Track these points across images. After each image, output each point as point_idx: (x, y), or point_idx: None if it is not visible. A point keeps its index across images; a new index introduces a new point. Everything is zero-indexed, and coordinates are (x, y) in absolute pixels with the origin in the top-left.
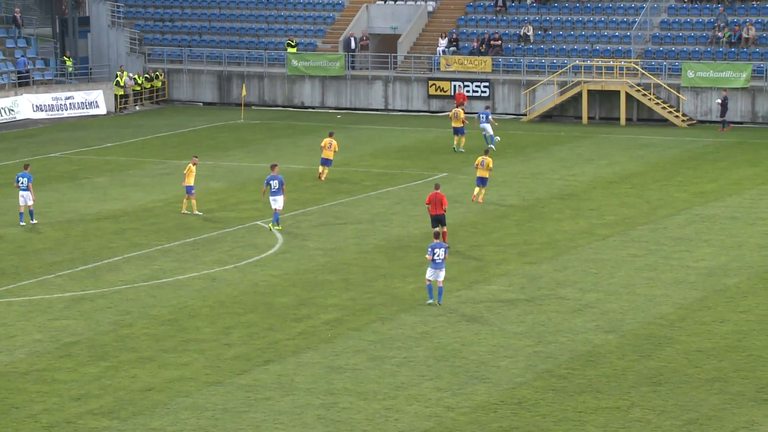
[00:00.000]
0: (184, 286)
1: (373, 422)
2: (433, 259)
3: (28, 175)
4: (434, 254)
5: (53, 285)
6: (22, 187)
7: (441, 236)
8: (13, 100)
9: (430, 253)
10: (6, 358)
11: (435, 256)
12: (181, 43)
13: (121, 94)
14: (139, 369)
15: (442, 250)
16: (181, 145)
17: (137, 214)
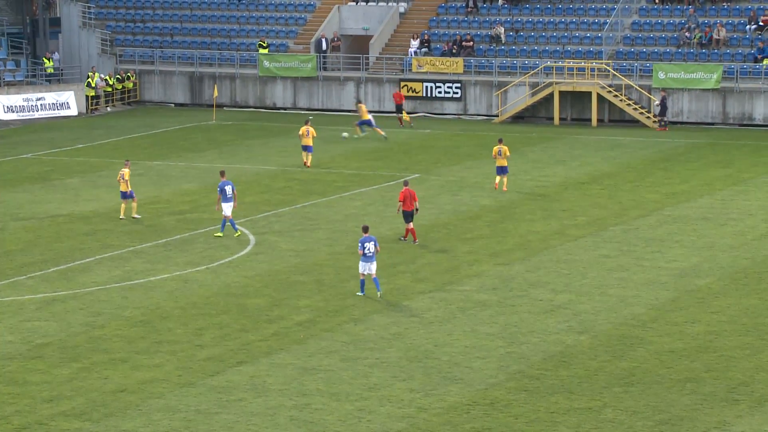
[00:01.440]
0: (156, 288)
1: (345, 423)
2: (364, 253)
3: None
4: (364, 248)
5: (24, 286)
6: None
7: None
8: None
9: (361, 247)
10: None
11: (365, 249)
12: (152, 44)
13: (93, 95)
14: (111, 370)
15: (371, 244)
16: (153, 146)
17: (109, 215)
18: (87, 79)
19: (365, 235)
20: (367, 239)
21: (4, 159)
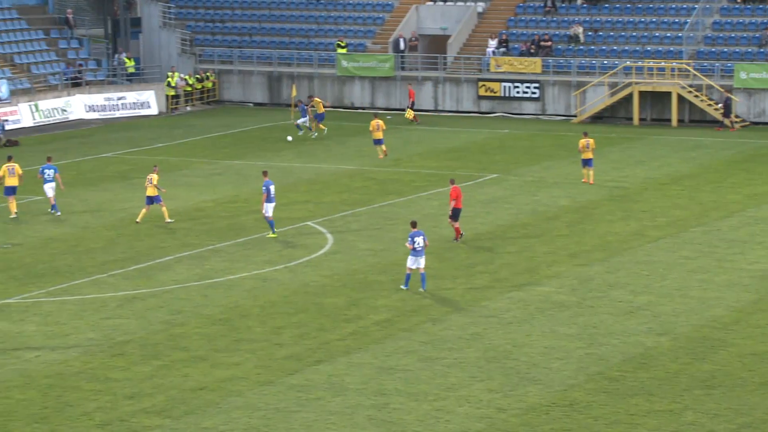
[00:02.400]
0: (236, 286)
1: (424, 423)
2: (414, 247)
3: (54, 167)
4: (414, 242)
5: (106, 284)
6: (48, 178)
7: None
8: (66, 100)
9: (411, 242)
10: (60, 356)
11: (415, 244)
12: (231, 44)
13: (173, 94)
14: (191, 368)
15: (420, 238)
16: (232, 145)
17: (189, 214)
18: (167, 78)
19: (414, 230)
20: (417, 234)
21: (85, 158)
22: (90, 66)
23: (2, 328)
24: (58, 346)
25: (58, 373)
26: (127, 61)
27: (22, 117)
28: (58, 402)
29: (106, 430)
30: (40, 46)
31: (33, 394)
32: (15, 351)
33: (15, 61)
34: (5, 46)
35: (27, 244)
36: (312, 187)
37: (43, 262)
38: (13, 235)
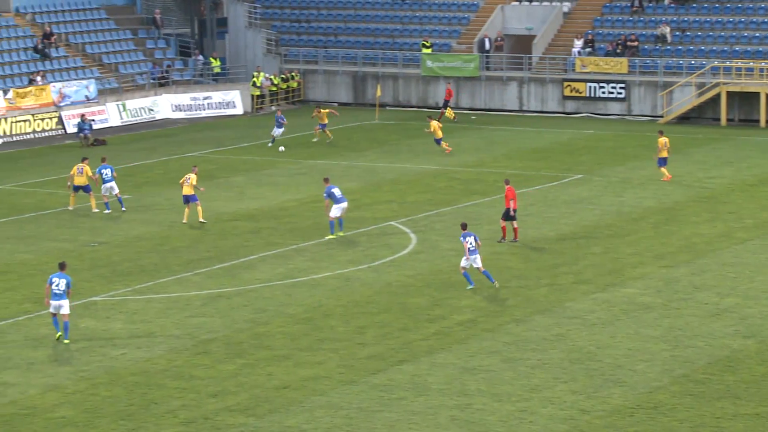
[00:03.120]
0: (319, 285)
1: (507, 424)
2: (467, 248)
3: (110, 166)
4: (467, 242)
5: (191, 282)
6: (107, 178)
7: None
8: (153, 100)
9: (463, 241)
10: (145, 354)
11: (468, 244)
12: (316, 44)
13: (258, 94)
14: (274, 367)
15: (472, 238)
16: (316, 145)
17: (273, 213)
18: (252, 78)
19: (464, 231)
20: (468, 234)
21: (171, 157)
22: (177, 66)
23: (89, 325)
24: (144, 344)
25: (144, 371)
26: (213, 61)
27: (110, 116)
28: (144, 399)
29: (190, 428)
30: (127, 46)
31: (119, 391)
32: (101, 348)
33: (103, 61)
34: (94, 46)
35: (113, 242)
36: (395, 187)
37: (129, 260)
38: (100, 233)
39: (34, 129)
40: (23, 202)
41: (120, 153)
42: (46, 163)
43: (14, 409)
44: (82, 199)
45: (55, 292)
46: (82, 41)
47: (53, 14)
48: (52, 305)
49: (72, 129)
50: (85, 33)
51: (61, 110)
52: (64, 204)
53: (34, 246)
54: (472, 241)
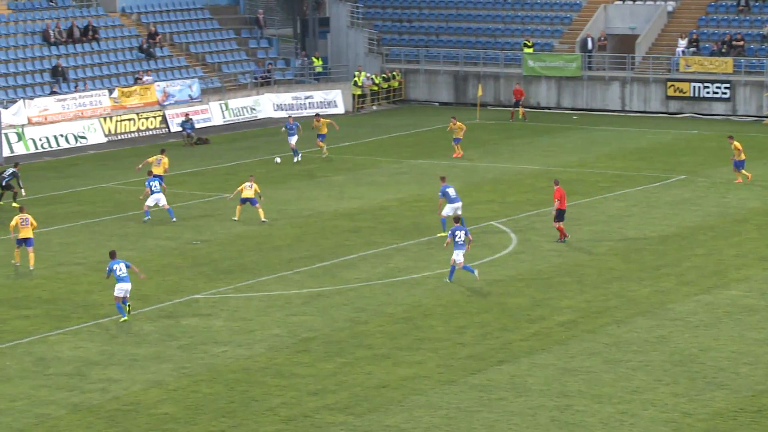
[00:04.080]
0: (419, 285)
1: (607, 426)
2: (455, 241)
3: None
4: (455, 236)
5: (291, 281)
6: (156, 190)
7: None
8: (255, 99)
9: (451, 235)
10: (246, 351)
11: (456, 237)
12: (418, 44)
13: (359, 93)
14: (374, 366)
15: (462, 233)
16: (417, 145)
17: (373, 212)
18: (354, 78)
19: (456, 225)
20: (458, 228)
21: (272, 156)
22: (279, 65)
23: (191, 323)
24: (245, 342)
25: (244, 368)
26: (315, 60)
27: (213, 115)
28: (244, 397)
29: (290, 426)
30: (230, 45)
31: (220, 389)
32: (203, 345)
33: (206, 61)
34: (197, 46)
35: (215, 240)
36: (496, 187)
37: (230, 258)
38: (203, 231)
39: (138, 128)
40: (127, 200)
41: (222, 152)
42: None
43: (118, 405)
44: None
45: (120, 276)
46: (186, 41)
47: (158, 14)
48: (120, 289)
49: (176, 128)
50: (189, 33)
51: (165, 109)
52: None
53: (136, 244)
54: (462, 236)
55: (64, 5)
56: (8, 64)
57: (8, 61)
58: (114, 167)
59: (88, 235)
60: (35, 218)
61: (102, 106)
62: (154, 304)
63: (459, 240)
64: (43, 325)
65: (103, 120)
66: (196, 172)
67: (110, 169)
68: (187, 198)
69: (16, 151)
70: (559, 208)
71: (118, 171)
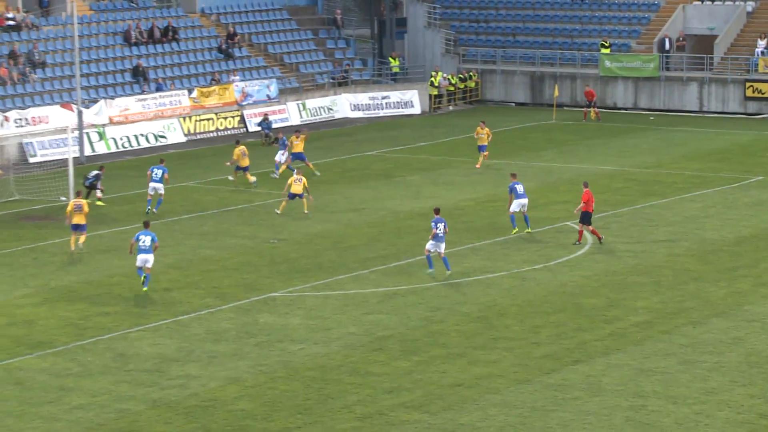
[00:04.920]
0: (494, 285)
1: (682, 426)
2: (436, 233)
3: (164, 168)
4: (437, 228)
5: (367, 280)
6: (156, 178)
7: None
8: (332, 99)
9: (434, 227)
10: (322, 349)
11: (437, 229)
12: (495, 44)
13: (436, 94)
14: (448, 364)
15: (442, 225)
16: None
17: (448, 212)
18: (430, 78)
19: (436, 216)
20: (439, 220)
21: (350, 156)
22: (356, 66)
23: (268, 320)
24: (321, 339)
25: (321, 366)
26: (392, 60)
27: (290, 115)
28: (320, 394)
29: (365, 423)
30: (308, 46)
31: (296, 386)
32: (280, 343)
33: (284, 61)
34: (275, 46)
35: (292, 239)
36: (572, 187)
37: (307, 257)
38: (280, 230)
39: (217, 127)
40: (206, 199)
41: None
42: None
43: (196, 401)
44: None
45: (141, 248)
46: (264, 41)
47: (237, 15)
48: (140, 259)
49: (254, 127)
50: (267, 33)
51: (243, 109)
52: (246, 201)
53: (215, 242)
54: (442, 228)
55: (144, 6)
56: (90, 64)
57: (90, 62)
58: (193, 166)
59: (167, 234)
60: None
61: (181, 105)
62: (232, 301)
63: (439, 232)
64: (123, 321)
65: (183, 119)
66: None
67: (189, 168)
68: (264, 197)
69: (98, 150)
70: (585, 211)
71: (197, 170)
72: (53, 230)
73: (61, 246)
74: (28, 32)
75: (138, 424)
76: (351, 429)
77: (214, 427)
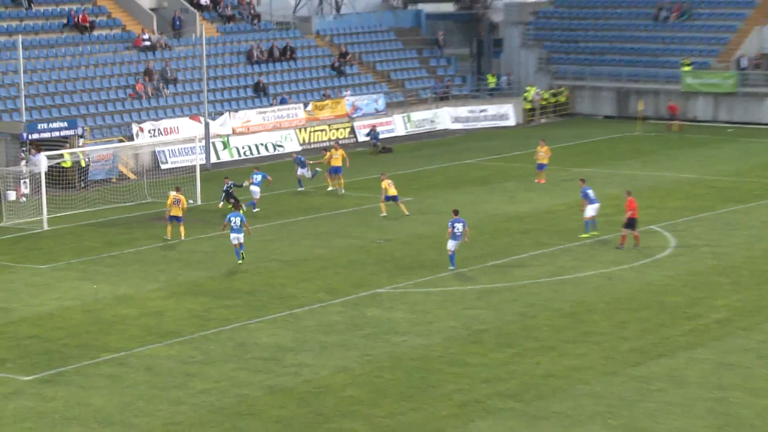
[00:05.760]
0: (583, 283)
1: (762, 418)
2: (453, 232)
3: (263, 174)
4: (454, 228)
5: (466, 277)
6: (256, 182)
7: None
8: (435, 112)
9: (451, 226)
10: (424, 341)
11: (455, 229)
12: (584, 63)
13: (529, 107)
14: (541, 356)
15: (460, 225)
16: (583, 154)
17: (541, 216)
18: (524, 93)
19: (455, 217)
20: (457, 220)
21: (450, 164)
22: (456, 82)
23: (375, 314)
24: (423, 332)
25: (422, 357)
26: (490, 77)
27: (396, 127)
28: (422, 383)
29: (464, 410)
30: (413, 64)
31: (400, 375)
32: (385, 335)
33: (391, 78)
34: (383, 64)
35: (397, 239)
36: (655, 194)
37: (410, 256)
38: (386, 231)
39: (329, 138)
40: (320, 202)
41: (405, 159)
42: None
43: (309, 388)
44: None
45: (233, 228)
46: (373, 60)
47: (349, 36)
48: (233, 237)
49: (363, 138)
50: (376, 53)
51: (353, 121)
52: (356, 204)
53: (327, 242)
54: (460, 227)
55: (266, 28)
56: (216, 80)
57: (216, 78)
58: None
59: (284, 234)
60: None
61: (297, 117)
62: (342, 296)
63: (457, 231)
64: (243, 314)
65: (299, 131)
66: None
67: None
68: (373, 201)
69: (222, 158)
70: (630, 217)
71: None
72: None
73: (188, 244)
74: (161, 52)
75: (255, 408)
76: (450, 416)
77: (325, 412)
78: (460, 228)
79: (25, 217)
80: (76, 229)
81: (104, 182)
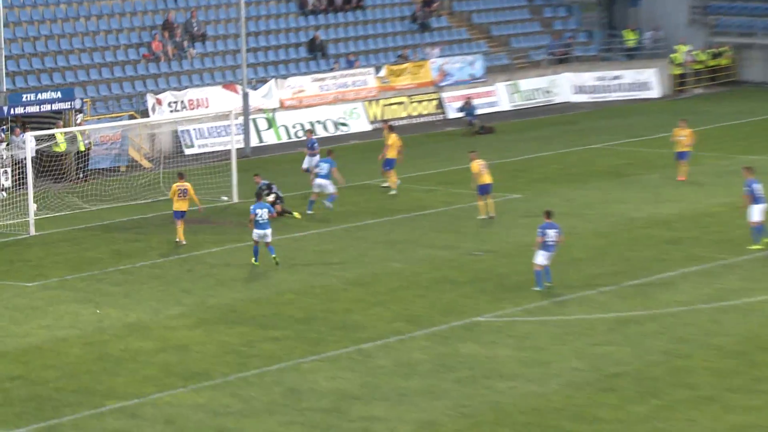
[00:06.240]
0: (755, 311)
1: None
2: (545, 240)
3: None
4: (545, 235)
5: (594, 302)
6: (321, 173)
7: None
8: (551, 79)
9: (541, 234)
10: (538, 388)
11: (546, 237)
12: (753, 12)
13: (679, 73)
14: (697, 411)
15: (553, 231)
16: (751, 136)
17: (696, 219)
18: (672, 54)
19: (547, 221)
20: (549, 226)
21: (571, 149)
22: (580, 39)
23: (471, 351)
24: (537, 376)
25: (536, 409)
26: (627, 33)
27: (499, 99)
28: None
29: None
30: (521, 15)
31: None
32: (486, 379)
33: (492, 33)
34: (481, 15)
35: (501, 251)
36: None
37: (518, 273)
38: (486, 239)
39: (409, 113)
40: (395, 201)
41: (510, 143)
42: (424, 154)
43: None
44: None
45: (259, 222)
46: (467, 9)
47: None
48: (257, 234)
49: (454, 114)
50: (472, 0)
51: (441, 91)
52: (445, 203)
53: (405, 253)
54: (553, 235)
55: None
56: (258, 36)
57: (258, 33)
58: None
59: (349, 242)
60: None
61: (367, 87)
62: (426, 327)
63: (549, 240)
64: (294, 349)
65: (368, 104)
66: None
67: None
68: (467, 199)
69: (266, 140)
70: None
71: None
72: (212, 236)
73: (221, 256)
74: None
75: None
76: None
77: None
78: (553, 236)
79: (5, 218)
80: (72, 234)
81: (110, 172)
